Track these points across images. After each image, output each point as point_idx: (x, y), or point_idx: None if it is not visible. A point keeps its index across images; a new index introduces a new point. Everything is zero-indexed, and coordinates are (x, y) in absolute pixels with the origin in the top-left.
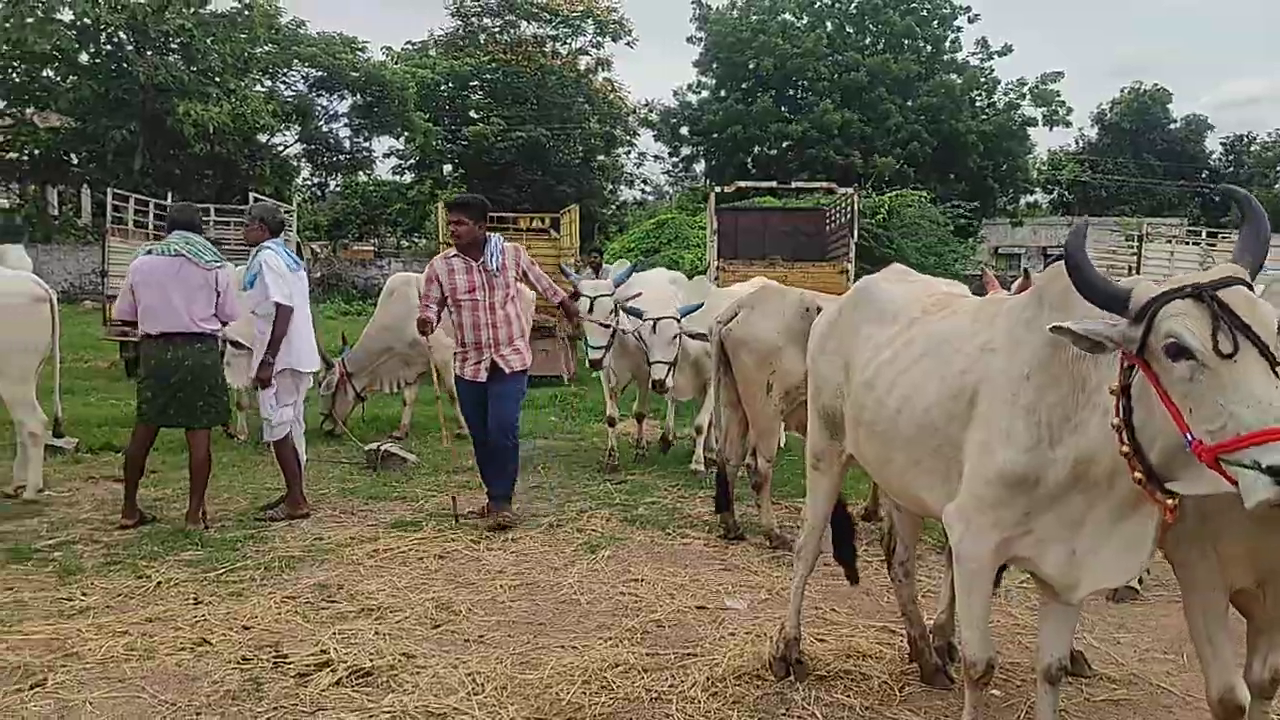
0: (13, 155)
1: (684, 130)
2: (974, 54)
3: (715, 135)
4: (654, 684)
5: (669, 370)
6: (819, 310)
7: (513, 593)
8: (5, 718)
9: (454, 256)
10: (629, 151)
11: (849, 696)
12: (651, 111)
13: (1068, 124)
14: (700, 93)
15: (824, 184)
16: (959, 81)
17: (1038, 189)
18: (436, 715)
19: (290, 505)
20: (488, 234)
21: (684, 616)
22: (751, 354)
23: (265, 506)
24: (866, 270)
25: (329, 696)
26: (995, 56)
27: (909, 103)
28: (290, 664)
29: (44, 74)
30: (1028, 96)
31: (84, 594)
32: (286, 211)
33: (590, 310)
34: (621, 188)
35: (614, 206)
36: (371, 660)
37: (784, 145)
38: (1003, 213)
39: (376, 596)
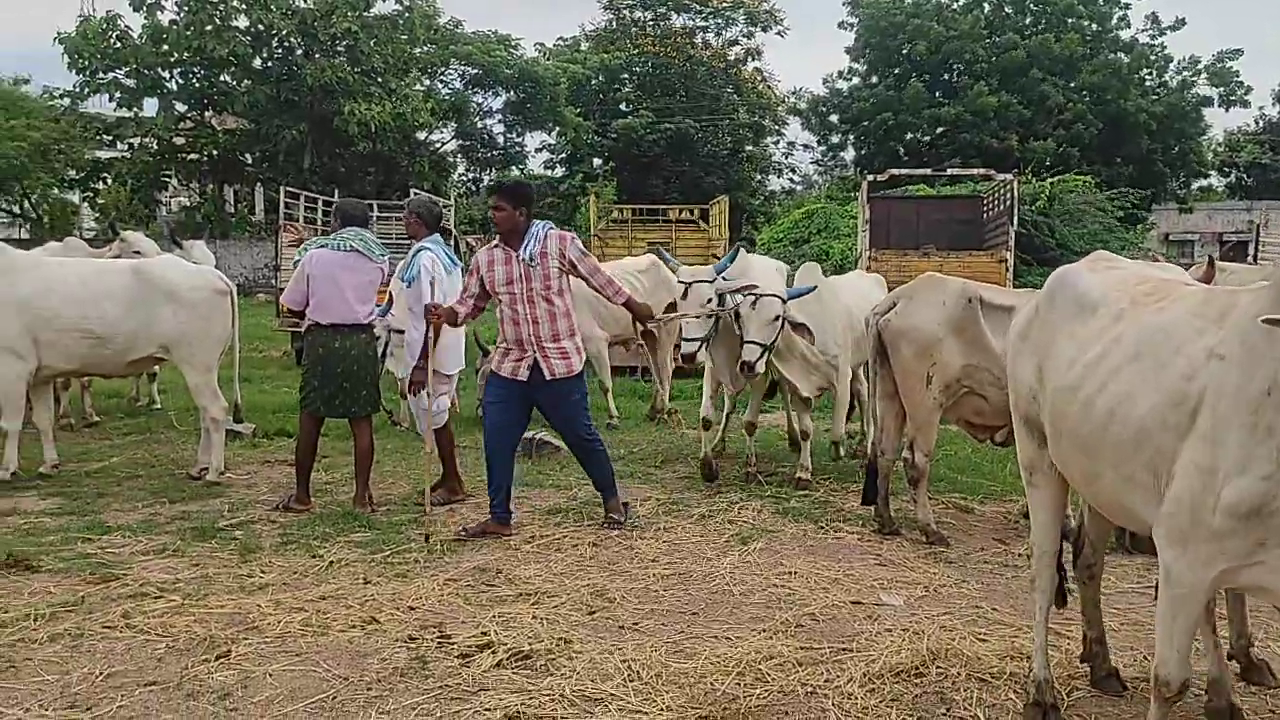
0: (194, 156)
1: (833, 118)
2: (1144, 30)
3: (865, 122)
4: (809, 678)
5: (763, 354)
6: (981, 301)
7: (665, 582)
8: (194, 686)
9: (495, 247)
10: (777, 141)
11: (1013, 697)
12: (800, 100)
13: (1245, 104)
14: (851, 79)
15: (981, 170)
16: (1126, 60)
17: (1213, 172)
18: (593, 700)
19: (448, 491)
20: (532, 222)
21: (838, 611)
22: (911, 345)
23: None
24: (1024, 260)
25: (490, 677)
26: (1167, 33)
27: (1071, 83)
28: (454, 644)
29: (221, 79)
30: (1203, 75)
31: (263, 571)
32: (445, 206)
33: (684, 298)
34: (770, 178)
35: (762, 197)
36: (530, 644)
37: (937, 131)
38: (1173, 197)
39: (533, 581)
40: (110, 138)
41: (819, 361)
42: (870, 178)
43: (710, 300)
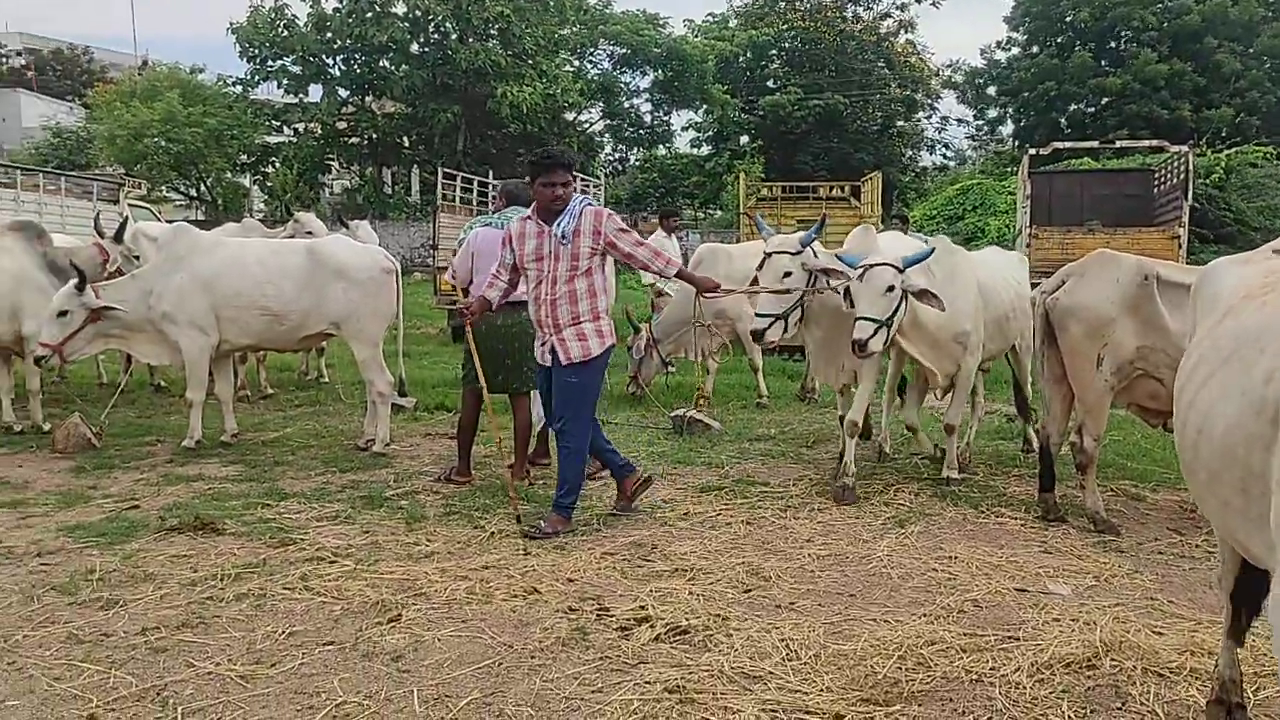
0: (354, 140)
1: (990, 90)
2: None
3: (1025, 94)
4: (974, 665)
5: (877, 330)
6: (1158, 278)
7: (821, 562)
8: (368, 647)
9: (528, 219)
10: (930, 115)
11: (1194, 694)
12: (956, 72)
13: None
14: (1009, 50)
15: (1153, 141)
16: None
17: None
18: (752, 678)
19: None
20: (572, 196)
21: (1003, 598)
22: (1080, 324)
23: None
24: (1200, 237)
25: (649, 651)
26: None
27: (1249, 49)
28: (612, 617)
29: (380, 64)
30: None
31: (429, 540)
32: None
33: (760, 269)
34: (921, 153)
35: (913, 173)
36: (687, 619)
37: (1102, 101)
38: None
39: (688, 558)
40: (278, 123)
41: (946, 339)
42: (1031, 151)
43: (788, 274)
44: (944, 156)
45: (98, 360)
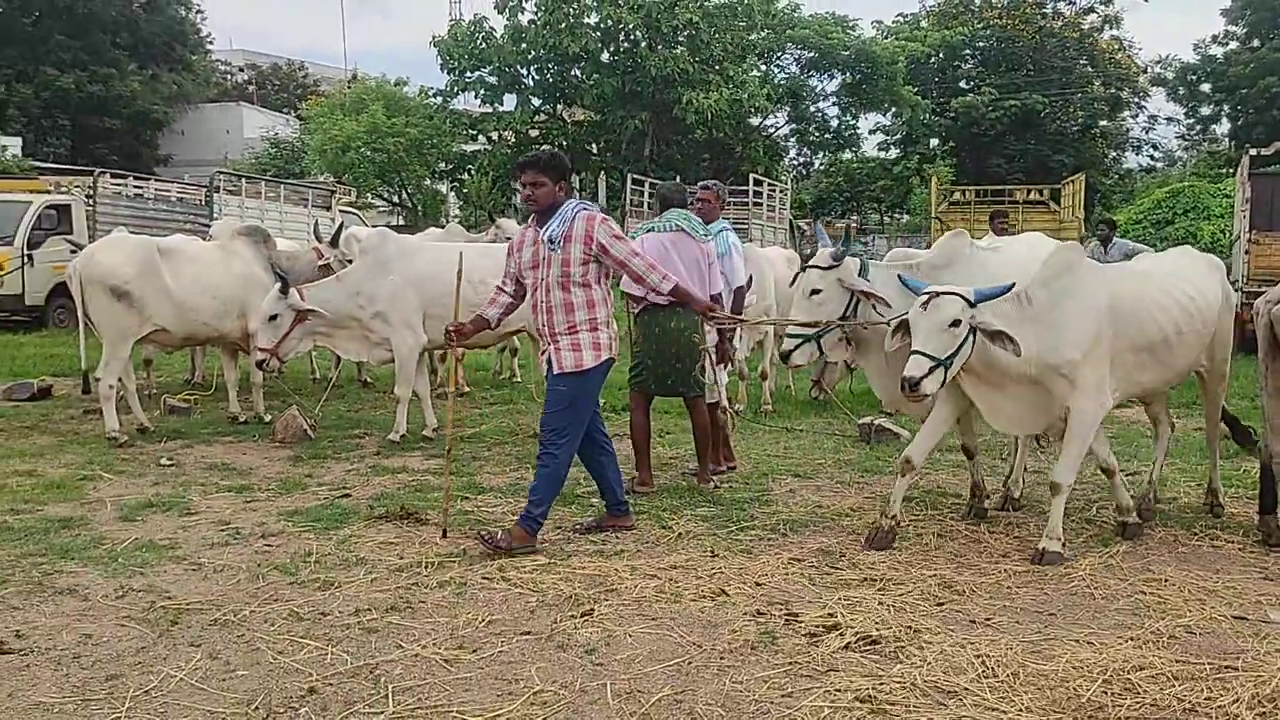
0: (546, 147)
1: (1204, 87)
2: None
3: (1243, 90)
4: (1187, 694)
5: (932, 371)
6: None
7: (1017, 578)
8: (563, 639)
9: (529, 226)
10: (1136, 115)
11: None
12: (1166, 69)
13: None
14: (1227, 44)
15: None
16: None
17: None
18: (946, 692)
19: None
20: (570, 199)
21: (1218, 625)
22: None
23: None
24: None
25: (839, 659)
26: None
27: None
28: (801, 623)
29: (572, 73)
30: None
31: (618, 538)
32: (782, 191)
33: (792, 284)
34: (1126, 154)
35: (1116, 175)
36: (878, 629)
37: None
38: None
39: (878, 568)
40: (474, 132)
41: (1038, 371)
42: (1253, 151)
43: (816, 291)
44: (1151, 157)
45: (310, 357)
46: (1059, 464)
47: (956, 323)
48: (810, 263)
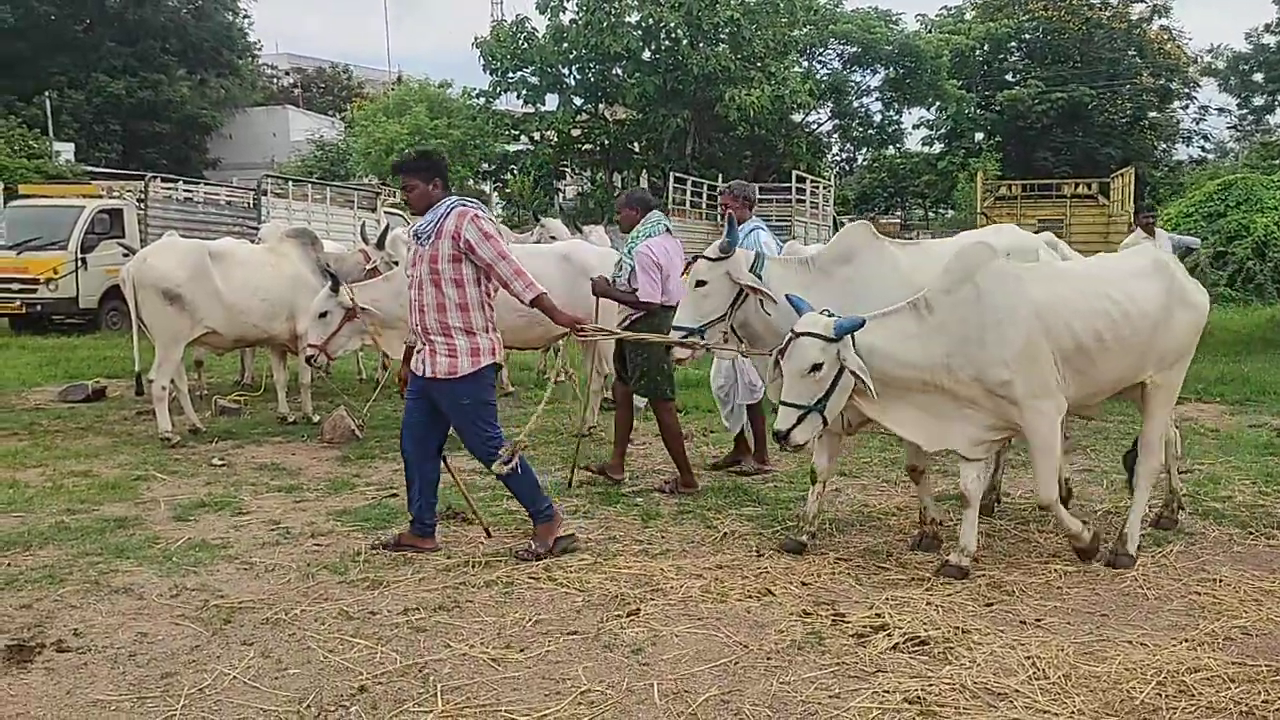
0: (588, 146)
1: (1257, 77)
2: None
3: None
4: (1244, 696)
5: (801, 420)
6: None
7: (1068, 579)
8: (609, 638)
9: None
10: (1186, 106)
11: None
12: (1217, 58)
13: None
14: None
15: None
16: None
17: None
18: (997, 694)
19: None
20: (447, 197)
21: (1277, 626)
22: None
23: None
24: None
25: (887, 660)
26: None
27: None
28: (848, 623)
29: (614, 72)
30: None
31: (662, 537)
32: (825, 188)
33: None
34: (1176, 146)
35: (1166, 168)
36: (926, 630)
37: None
38: None
39: (925, 568)
40: (516, 132)
41: (954, 386)
42: None
43: (702, 283)
44: (1202, 149)
45: (356, 357)
46: (1037, 486)
47: (818, 366)
48: (705, 255)
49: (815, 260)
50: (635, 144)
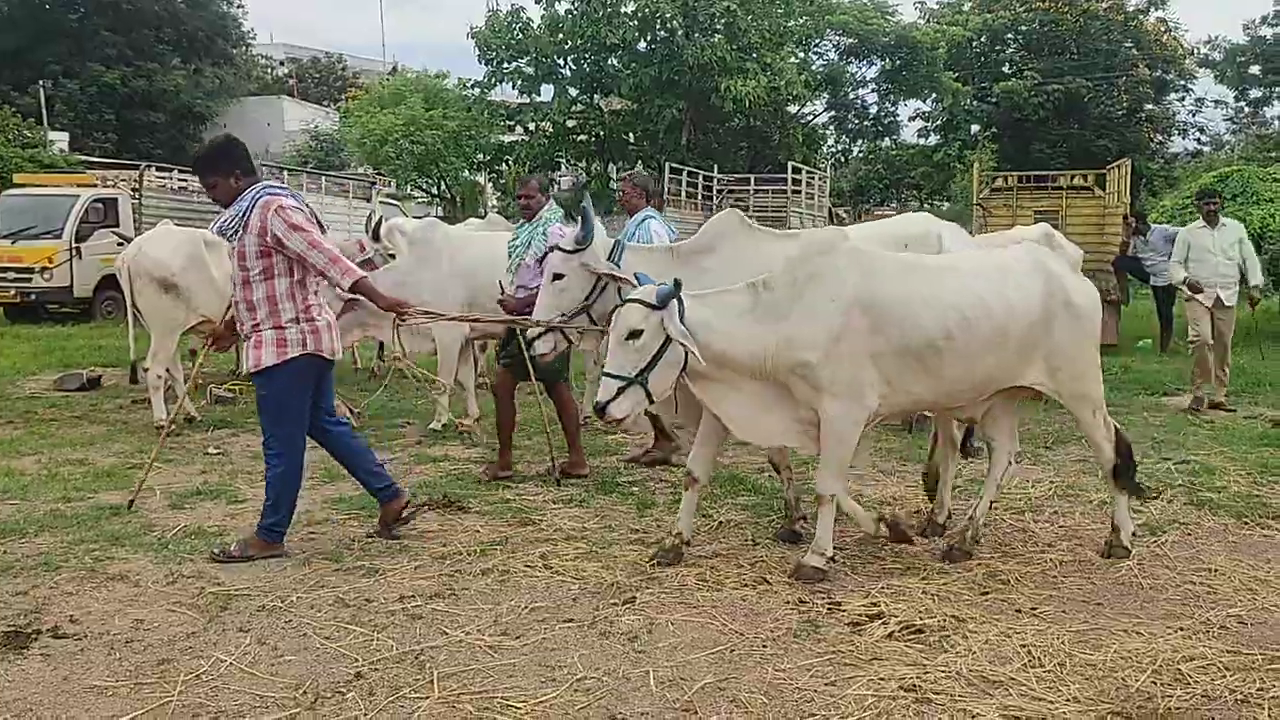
0: (583, 137)
1: (1254, 69)
2: None
3: None
4: (1239, 685)
5: (622, 392)
6: None
7: (1064, 568)
8: (605, 626)
9: None
10: (1182, 98)
11: None
12: (1214, 50)
13: None
14: (1277, 25)
15: None
16: None
17: None
18: (992, 682)
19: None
20: (252, 187)
21: (1271, 615)
22: None
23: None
24: None
25: (883, 648)
26: None
27: None
28: (844, 611)
29: (609, 63)
30: None
31: (658, 525)
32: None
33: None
34: (1172, 139)
35: (1162, 160)
36: (922, 618)
37: None
38: None
39: (921, 557)
40: (512, 123)
41: (774, 369)
42: None
43: (559, 276)
44: (1198, 141)
45: (354, 346)
46: (819, 474)
47: (637, 333)
48: (555, 245)
49: (679, 248)
50: (630, 135)
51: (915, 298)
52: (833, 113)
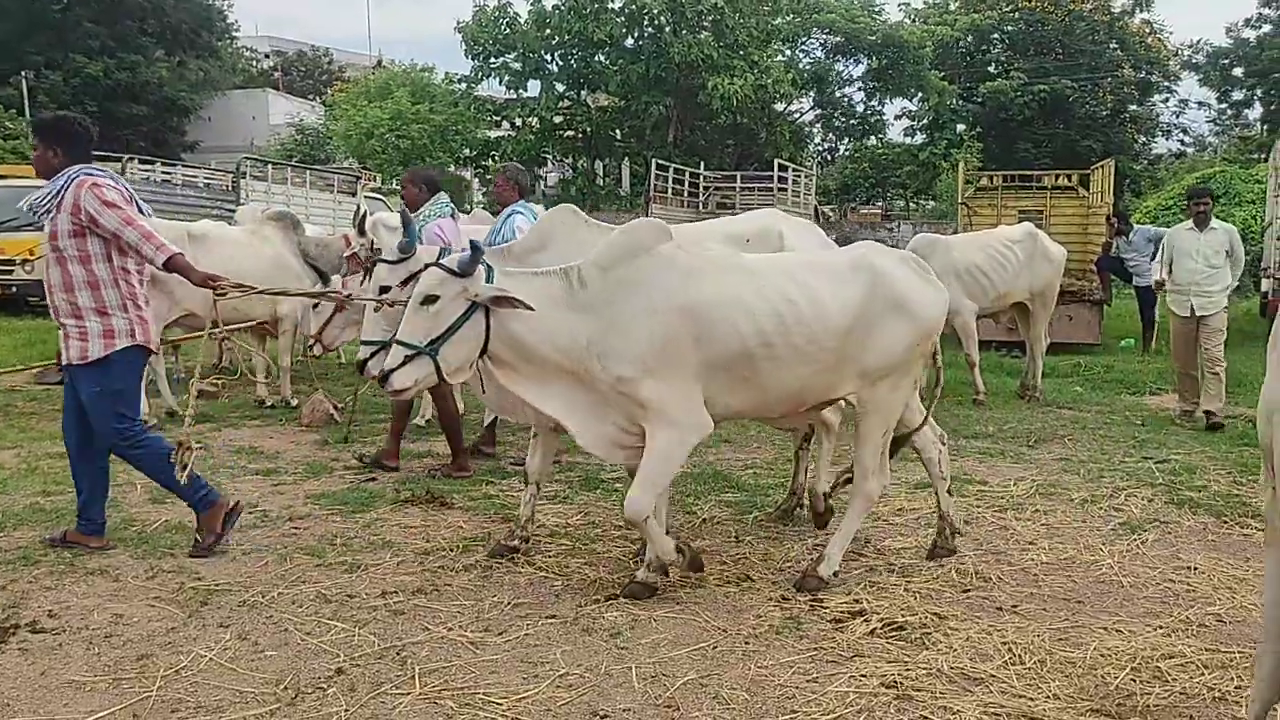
0: (570, 133)
1: (1237, 71)
2: None
3: (1277, 74)
4: (1217, 682)
5: (409, 361)
6: None
7: (1045, 567)
8: (588, 622)
9: None
10: (1166, 100)
11: None
12: (1198, 53)
13: None
14: (1260, 27)
15: None
16: None
17: None
18: (973, 679)
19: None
20: (70, 167)
21: (1249, 613)
22: None
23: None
24: None
25: (864, 645)
26: None
27: None
28: (826, 609)
29: (596, 59)
30: None
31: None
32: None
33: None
34: (1156, 140)
35: (1146, 161)
36: (903, 616)
37: None
38: None
39: (903, 555)
40: (498, 118)
41: (589, 378)
42: None
43: (386, 289)
44: (1181, 142)
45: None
46: (634, 493)
47: (432, 299)
48: (380, 258)
49: (512, 248)
50: (617, 131)
51: (738, 303)
52: (819, 111)
